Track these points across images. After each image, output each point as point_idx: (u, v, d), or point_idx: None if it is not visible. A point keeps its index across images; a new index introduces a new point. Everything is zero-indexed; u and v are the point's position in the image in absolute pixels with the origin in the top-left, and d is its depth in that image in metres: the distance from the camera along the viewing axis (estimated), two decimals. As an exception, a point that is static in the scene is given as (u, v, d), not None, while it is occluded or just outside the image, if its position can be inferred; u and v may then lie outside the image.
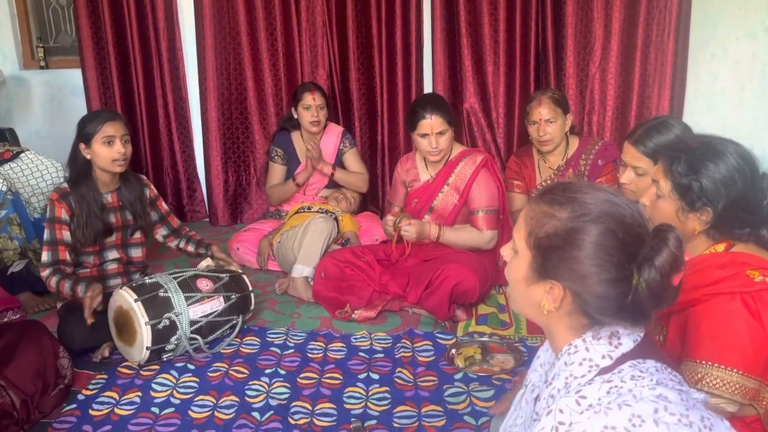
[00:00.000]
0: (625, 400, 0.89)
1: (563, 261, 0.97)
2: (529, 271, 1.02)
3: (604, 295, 0.95)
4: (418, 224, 2.66)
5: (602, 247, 0.95)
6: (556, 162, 3.00)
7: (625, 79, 3.51)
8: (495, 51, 3.66)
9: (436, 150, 2.70)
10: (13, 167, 3.00)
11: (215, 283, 2.43)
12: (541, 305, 1.01)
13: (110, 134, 2.38)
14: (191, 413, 2.01)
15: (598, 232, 0.95)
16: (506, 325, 2.56)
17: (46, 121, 4.20)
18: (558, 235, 0.98)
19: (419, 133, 2.70)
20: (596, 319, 0.98)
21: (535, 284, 1.02)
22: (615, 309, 0.96)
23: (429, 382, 2.15)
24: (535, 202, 1.04)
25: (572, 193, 1.00)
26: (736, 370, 1.28)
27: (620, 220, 0.96)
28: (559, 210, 0.99)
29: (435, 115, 2.67)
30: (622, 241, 0.95)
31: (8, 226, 2.76)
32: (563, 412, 0.92)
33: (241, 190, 4.10)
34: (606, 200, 0.98)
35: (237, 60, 3.88)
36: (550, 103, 2.86)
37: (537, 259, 1.01)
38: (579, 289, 0.97)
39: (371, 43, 3.78)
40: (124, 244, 2.60)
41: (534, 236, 1.01)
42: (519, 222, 1.06)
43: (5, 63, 4.11)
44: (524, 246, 1.03)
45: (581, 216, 0.97)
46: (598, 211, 0.96)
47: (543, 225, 1.00)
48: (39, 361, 2.04)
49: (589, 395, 0.92)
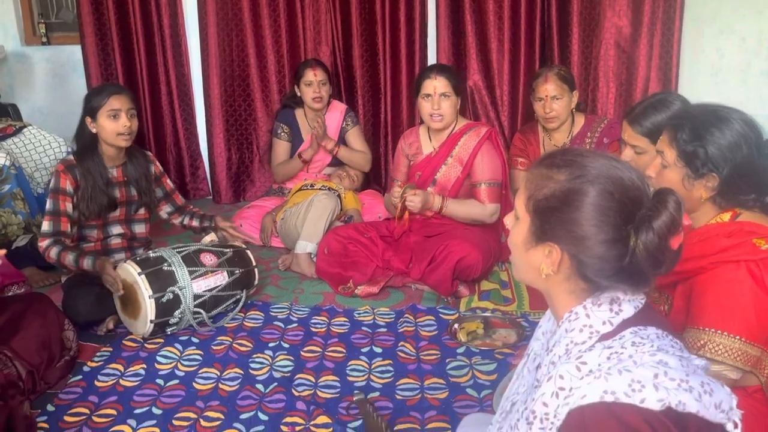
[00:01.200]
0: (625, 365, 0.89)
1: (561, 222, 0.97)
2: (528, 234, 1.02)
3: (602, 256, 0.95)
4: (422, 194, 2.65)
5: (599, 208, 0.95)
6: (561, 139, 2.99)
7: (630, 56, 3.48)
8: (499, 27, 3.63)
9: (438, 113, 2.68)
10: (16, 142, 3.00)
11: (219, 258, 2.44)
12: (540, 269, 1.02)
13: (116, 108, 2.37)
14: (196, 385, 2.03)
15: (595, 193, 0.95)
16: (509, 300, 2.57)
17: (48, 97, 4.18)
18: (556, 197, 0.98)
19: (423, 94, 2.69)
20: (595, 282, 0.98)
21: (534, 248, 1.02)
22: (613, 271, 0.96)
23: (432, 355, 2.17)
24: (535, 167, 1.04)
25: (572, 157, 1.00)
26: (739, 337, 1.29)
27: (618, 182, 0.96)
28: (558, 172, 0.99)
29: (440, 76, 2.66)
30: (619, 202, 0.95)
31: (12, 201, 2.77)
32: (563, 378, 0.92)
33: (244, 167, 4.09)
34: (606, 163, 0.98)
35: (239, 36, 3.86)
36: (556, 80, 2.84)
37: (535, 222, 1.01)
38: (576, 251, 0.97)
39: (375, 19, 3.75)
40: (128, 219, 2.60)
41: (533, 199, 1.01)
42: (520, 188, 1.06)
43: (7, 39, 4.09)
44: (524, 210, 1.03)
45: (579, 177, 0.97)
46: (596, 173, 0.96)
47: (542, 188, 1.00)
48: (44, 332, 2.06)
49: (590, 361, 0.93)
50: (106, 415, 1.89)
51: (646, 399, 0.85)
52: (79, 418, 1.87)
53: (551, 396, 0.92)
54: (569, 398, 0.90)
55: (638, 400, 0.85)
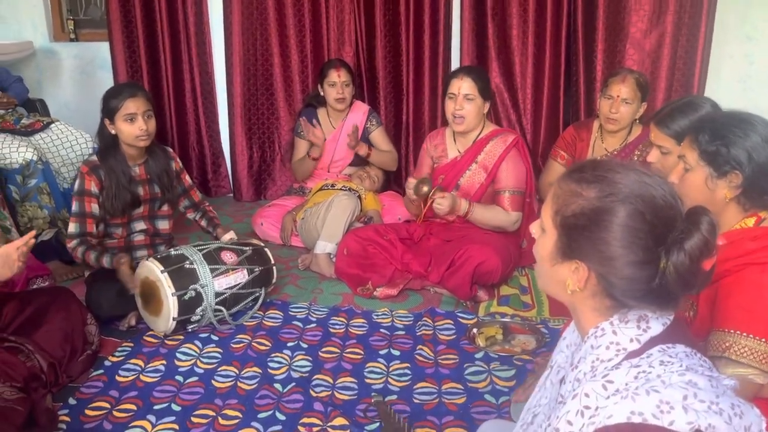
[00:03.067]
0: (653, 385, 0.87)
1: (589, 241, 0.95)
2: (555, 250, 1.00)
3: (630, 277, 0.93)
4: (450, 197, 2.64)
5: (629, 229, 0.92)
6: (613, 145, 2.91)
7: (654, 61, 3.44)
8: (524, 31, 3.60)
9: (459, 114, 2.66)
10: (44, 137, 3.04)
11: (239, 256, 2.46)
12: (566, 285, 1.00)
13: (131, 111, 2.37)
14: (214, 383, 2.05)
15: (625, 213, 0.93)
16: (528, 306, 2.56)
17: (75, 93, 4.23)
18: (584, 215, 0.96)
19: (449, 94, 2.68)
20: (621, 301, 0.96)
21: (560, 264, 1.00)
22: (641, 292, 0.94)
23: (450, 360, 2.16)
24: (563, 179, 1.02)
25: (602, 172, 0.97)
26: (765, 339, 1.28)
27: (650, 201, 0.93)
28: (587, 189, 0.96)
29: (467, 77, 2.65)
30: (651, 223, 0.92)
31: (38, 195, 2.81)
32: (589, 396, 0.90)
33: (266, 166, 4.11)
34: (637, 180, 0.95)
35: (264, 36, 3.88)
36: (633, 84, 2.77)
37: (562, 238, 0.99)
38: (604, 270, 0.95)
39: (399, 20, 3.75)
40: (152, 216, 2.63)
41: (560, 215, 0.99)
42: (547, 199, 1.04)
43: (36, 35, 4.14)
44: (551, 224, 1.01)
45: (609, 196, 0.94)
46: (627, 191, 0.94)
47: (569, 204, 0.98)
48: (67, 326, 2.09)
49: (616, 380, 0.91)
50: (126, 410, 1.91)
51: (675, 421, 0.83)
52: (100, 413, 1.89)
53: (576, 414, 0.90)
54: (595, 417, 0.88)
55: (667, 422, 0.83)
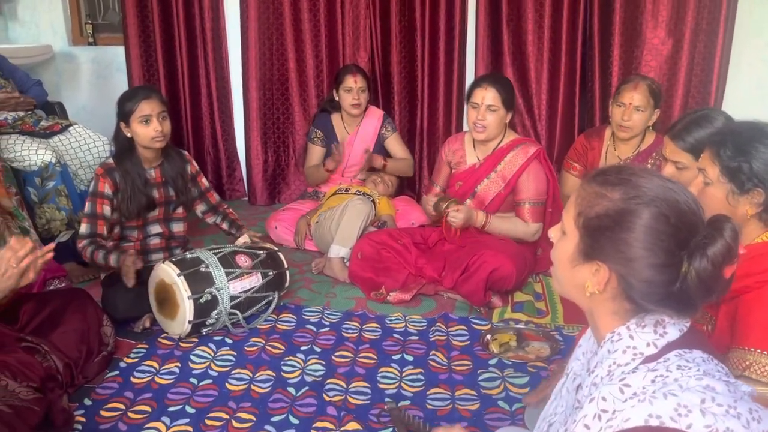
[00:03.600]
0: (670, 389, 0.87)
1: (611, 242, 0.96)
2: (576, 251, 1.01)
3: (651, 280, 0.93)
4: (465, 211, 2.64)
5: (653, 231, 0.93)
6: (626, 153, 2.88)
7: (671, 67, 3.42)
8: (539, 37, 3.60)
9: (481, 124, 2.66)
10: (62, 140, 3.07)
11: (253, 260, 2.47)
12: (585, 287, 1.00)
13: (146, 113, 2.40)
14: (228, 385, 2.05)
15: (650, 215, 0.93)
16: (542, 313, 2.55)
17: (93, 96, 4.28)
18: (608, 216, 0.96)
19: (471, 102, 2.68)
20: (640, 305, 0.96)
21: (581, 265, 1.00)
22: (661, 296, 0.94)
23: (463, 366, 2.16)
24: (586, 182, 1.02)
25: (626, 175, 0.98)
26: None
27: (674, 206, 0.93)
28: (611, 191, 0.97)
29: (491, 87, 2.64)
30: (674, 227, 0.92)
31: (56, 197, 2.85)
32: (606, 400, 0.90)
33: (280, 170, 4.13)
34: (661, 184, 0.96)
35: (279, 40, 3.90)
36: (645, 91, 2.73)
37: (585, 239, 0.99)
38: (625, 272, 0.95)
39: (414, 26, 3.76)
40: (167, 218, 2.65)
41: (583, 216, 0.99)
42: (569, 203, 1.04)
43: (55, 38, 4.20)
44: (572, 226, 1.01)
45: (634, 198, 0.95)
46: (651, 194, 0.94)
47: (594, 205, 0.98)
48: (83, 327, 2.10)
49: (633, 383, 0.91)
50: (141, 411, 1.92)
51: (693, 425, 0.83)
52: (115, 413, 1.91)
53: (593, 418, 0.90)
54: (612, 421, 0.88)
55: (685, 425, 0.83)
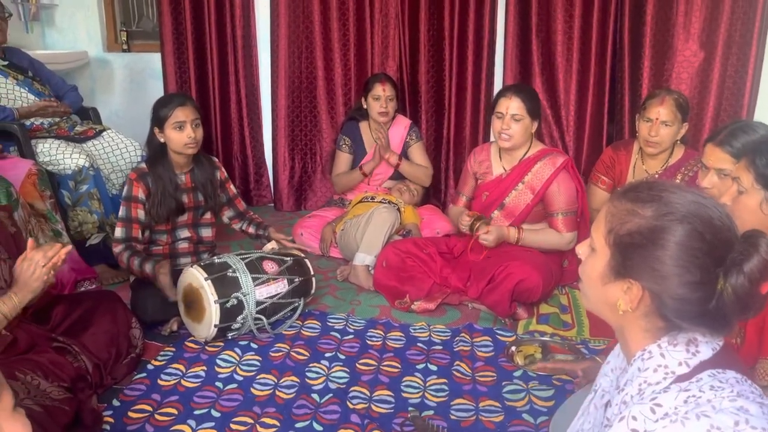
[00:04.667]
0: (703, 410, 0.86)
1: (644, 260, 0.94)
2: (607, 269, 0.99)
3: (685, 297, 0.92)
4: (496, 231, 2.63)
5: (687, 248, 0.91)
6: (654, 167, 2.83)
7: (703, 80, 3.38)
8: (568, 48, 3.59)
9: (507, 134, 2.65)
10: (95, 144, 3.14)
11: (280, 266, 2.49)
12: (617, 305, 0.99)
13: (180, 120, 2.45)
14: (253, 390, 2.07)
15: (683, 232, 0.92)
16: (568, 326, 2.53)
17: (126, 102, 4.37)
18: (640, 233, 0.95)
19: (497, 112, 2.68)
20: (674, 323, 0.95)
21: (612, 283, 0.99)
22: (695, 314, 0.92)
23: (487, 377, 2.15)
24: (617, 198, 1.01)
25: (658, 192, 0.97)
26: None
27: (708, 222, 0.92)
28: (643, 208, 0.96)
29: (516, 97, 2.64)
30: (709, 243, 0.91)
31: (89, 201, 2.90)
32: (636, 420, 0.89)
33: (306, 177, 4.17)
34: (693, 201, 0.94)
35: (309, 49, 3.94)
36: (672, 105, 2.69)
37: (616, 257, 0.98)
38: (659, 290, 0.94)
39: (442, 36, 3.77)
40: (195, 223, 2.69)
41: (614, 234, 0.98)
42: (599, 219, 1.03)
43: (91, 45, 4.30)
44: (603, 243, 1.00)
45: (667, 215, 0.94)
46: (684, 211, 0.93)
47: (625, 222, 0.97)
48: (113, 329, 2.13)
49: (665, 403, 0.90)
50: (167, 413, 1.95)
51: None
52: (143, 415, 1.93)
53: None
54: None
55: None
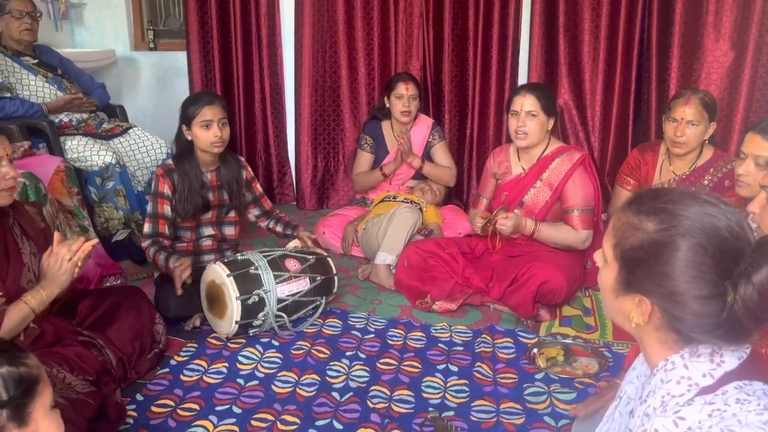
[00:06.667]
0: (728, 424, 0.84)
1: (649, 276, 0.92)
2: (616, 282, 0.98)
3: (696, 312, 0.90)
4: (514, 218, 2.61)
5: (692, 263, 0.89)
6: (682, 168, 2.78)
7: (733, 81, 3.32)
8: (595, 47, 3.56)
9: (522, 131, 2.63)
10: (122, 142, 3.18)
11: (302, 264, 2.50)
12: (630, 318, 0.97)
13: (208, 119, 2.47)
14: (274, 388, 2.08)
15: (686, 247, 0.89)
16: (591, 328, 2.50)
17: (152, 100, 4.43)
18: (643, 249, 0.93)
19: (512, 111, 2.66)
20: (688, 336, 0.93)
21: (623, 296, 0.97)
22: (709, 327, 0.90)
23: (509, 379, 2.13)
24: (622, 210, 0.99)
25: (662, 203, 0.94)
26: None
27: (713, 234, 0.89)
28: (645, 221, 0.93)
29: (530, 94, 2.62)
30: (713, 257, 0.88)
31: (115, 197, 2.94)
32: None
33: (329, 176, 4.18)
34: (699, 211, 0.91)
35: (333, 48, 3.95)
36: (698, 105, 2.63)
37: (623, 272, 0.96)
38: (668, 306, 0.92)
39: (467, 35, 3.76)
40: (219, 221, 2.71)
41: (619, 248, 0.96)
42: (607, 230, 1.01)
43: (118, 44, 4.36)
44: (611, 256, 0.99)
45: (668, 229, 0.91)
46: (688, 224, 0.90)
47: (628, 237, 0.95)
48: (137, 325, 2.16)
49: (689, 417, 0.87)
50: (189, 409, 1.96)
51: None
52: (165, 410, 1.95)
53: None
54: None
55: None
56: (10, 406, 0.98)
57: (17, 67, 3.05)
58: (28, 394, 1.01)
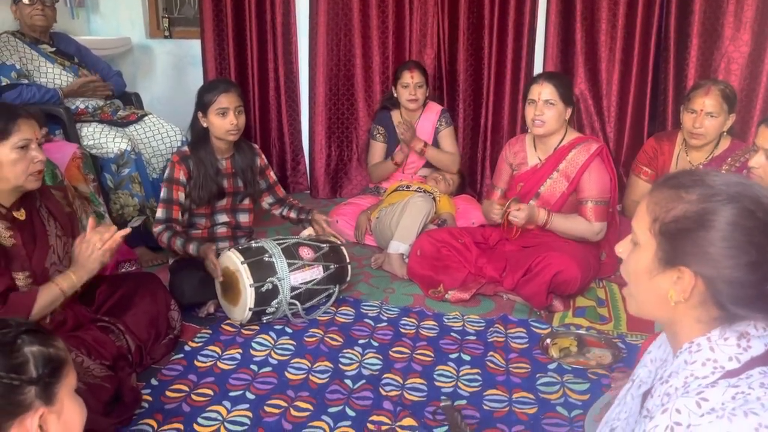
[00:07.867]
0: (752, 407, 0.83)
1: (695, 245, 0.91)
2: (654, 260, 0.96)
3: (741, 280, 0.89)
4: (527, 209, 2.60)
5: (740, 227, 0.89)
6: (698, 159, 2.76)
7: (753, 71, 3.27)
8: (612, 36, 3.52)
9: (540, 119, 2.61)
10: (137, 129, 3.20)
11: (316, 252, 2.50)
12: (668, 297, 0.95)
13: (224, 106, 2.48)
14: (287, 374, 2.09)
15: (734, 212, 0.89)
16: (605, 319, 2.49)
17: (167, 88, 4.44)
18: (688, 218, 0.92)
19: (529, 99, 2.64)
20: (729, 310, 0.92)
21: (661, 274, 0.96)
22: (752, 298, 0.89)
23: (521, 369, 2.13)
24: (657, 188, 0.98)
25: (699, 177, 0.94)
26: None
27: (757, 200, 0.89)
28: (687, 193, 0.93)
29: (548, 82, 2.60)
30: (762, 221, 0.88)
31: (130, 184, 2.96)
32: (681, 413, 0.87)
33: (342, 165, 4.18)
34: (738, 182, 0.92)
35: (347, 36, 3.94)
36: (718, 96, 2.60)
37: (663, 246, 0.95)
38: (712, 274, 0.91)
39: (482, 24, 3.73)
40: (234, 209, 2.72)
41: (660, 222, 0.95)
42: (639, 212, 1.00)
43: (134, 31, 4.37)
44: (648, 235, 0.97)
45: (714, 196, 0.91)
46: (731, 191, 0.90)
47: (670, 209, 0.94)
48: (153, 311, 2.19)
49: (712, 398, 0.87)
50: (203, 394, 1.98)
51: None
52: (180, 395, 1.97)
53: (665, 429, 0.87)
54: None
55: None
56: (39, 383, 1.00)
57: (35, 55, 3.06)
58: (55, 374, 1.03)
